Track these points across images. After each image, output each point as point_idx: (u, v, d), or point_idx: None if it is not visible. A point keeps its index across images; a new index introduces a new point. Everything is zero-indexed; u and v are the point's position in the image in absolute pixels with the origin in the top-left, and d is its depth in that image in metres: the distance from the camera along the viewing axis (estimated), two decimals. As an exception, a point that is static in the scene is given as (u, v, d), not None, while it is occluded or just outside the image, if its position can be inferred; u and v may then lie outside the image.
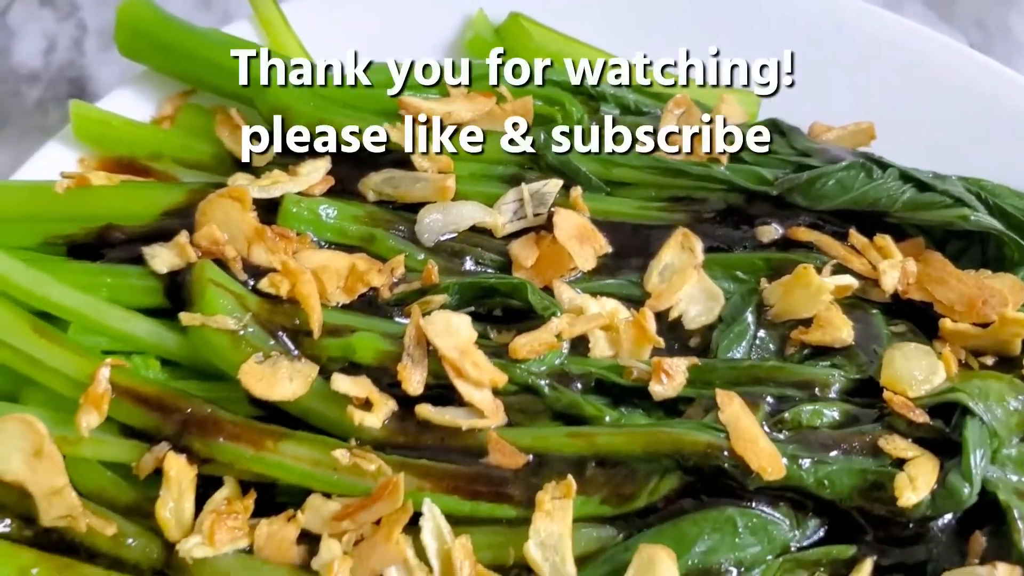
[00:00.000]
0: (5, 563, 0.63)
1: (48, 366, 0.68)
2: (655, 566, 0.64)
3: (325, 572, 0.64)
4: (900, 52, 0.96)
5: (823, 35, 0.97)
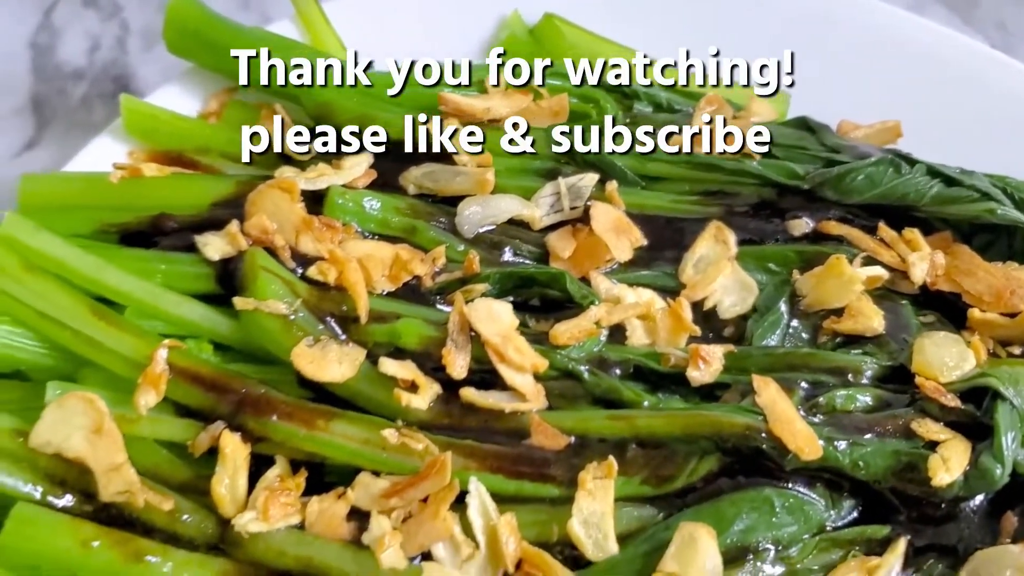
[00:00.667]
0: (67, 536, 0.65)
1: (107, 347, 0.71)
2: (696, 543, 0.66)
3: (376, 546, 0.66)
4: (924, 53, 0.98)
5: (848, 37, 0.99)
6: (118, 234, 0.81)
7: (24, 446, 0.67)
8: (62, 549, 0.64)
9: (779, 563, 0.67)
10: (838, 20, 0.99)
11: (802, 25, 0.98)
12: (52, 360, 0.73)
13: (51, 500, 0.67)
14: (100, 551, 0.65)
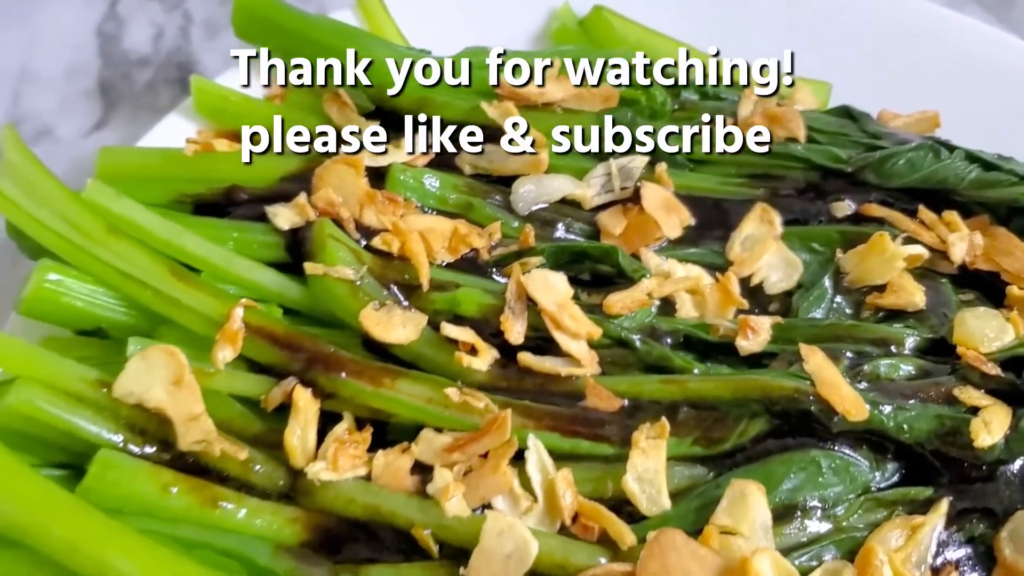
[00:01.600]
0: (147, 481, 0.68)
1: (185, 305, 0.74)
2: (746, 499, 0.68)
3: (441, 496, 0.69)
4: (962, 48, 1.01)
5: (889, 32, 1.03)
6: (192, 204, 0.85)
7: (107, 396, 0.70)
8: (143, 493, 0.67)
9: (826, 521, 0.70)
10: (876, 15, 1.02)
11: (842, 18, 1.01)
12: (132, 318, 0.76)
13: (131, 448, 0.70)
14: (178, 496, 0.68)
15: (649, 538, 0.66)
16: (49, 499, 0.63)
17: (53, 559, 0.62)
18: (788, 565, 0.66)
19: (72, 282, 0.74)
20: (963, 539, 0.70)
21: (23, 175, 0.77)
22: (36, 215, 0.75)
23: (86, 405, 0.70)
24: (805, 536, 0.69)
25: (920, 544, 0.68)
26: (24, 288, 0.74)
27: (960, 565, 0.69)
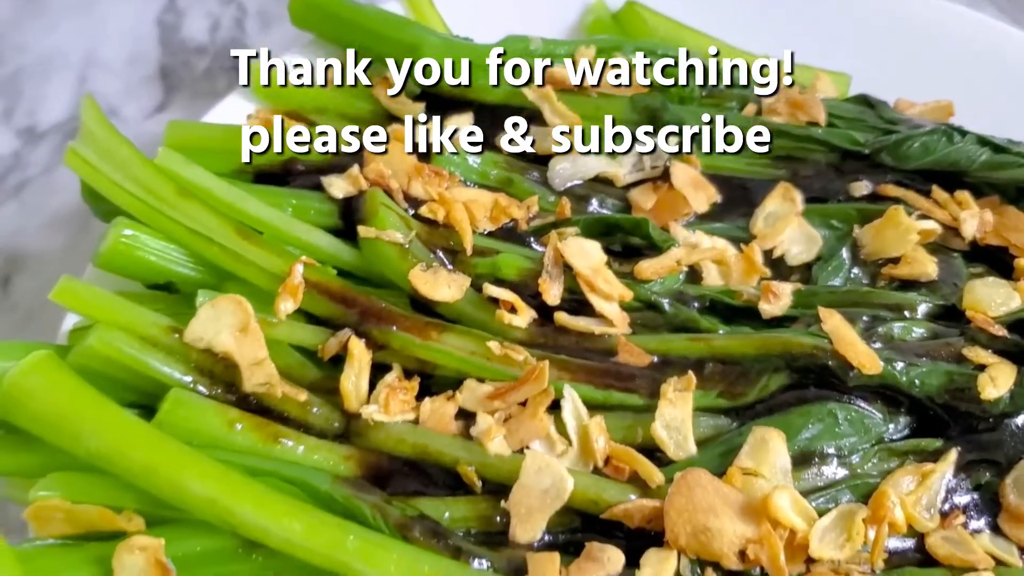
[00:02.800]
0: (215, 417, 0.74)
1: (250, 261, 0.80)
2: (767, 444, 0.74)
3: (484, 437, 0.75)
4: (975, 42, 1.07)
5: (906, 27, 1.08)
6: (252, 174, 0.91)
7: (178, 341, 0.76)
8: (210, 428, 0.73)
9: (842, 467, 0.75)
10: (897, 11, 1.08)
11: (862, 13, 1.07)
12: (200, 274, 0.82)
13: (200, 389, 0.76)
14: (243, 432, 0.74)
15: (677, 477, 0.71)
16: (129, 428, 0.69)
17: (133, 484, 0.68)
18: (806, 504, 0.71)
19: (145, 238, 0.80)
20: (970, 486, 0.75)
21: (101, 142, 0.83)
22: (112, 178, 0.82)
23: (159, 348, 0.76)
24: (822, 481, 0.74)
25: (930, 489, 0.73)
26: (101, 243, 0.80)
27: (967, 509, 0.74)
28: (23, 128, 1.12)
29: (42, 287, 0.95)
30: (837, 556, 0.69)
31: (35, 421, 0.70)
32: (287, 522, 0.66)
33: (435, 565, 0.67)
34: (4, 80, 1.15)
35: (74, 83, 1.15)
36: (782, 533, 0.69)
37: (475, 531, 0.72)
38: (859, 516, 0.71)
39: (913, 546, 0.72)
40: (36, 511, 0.67)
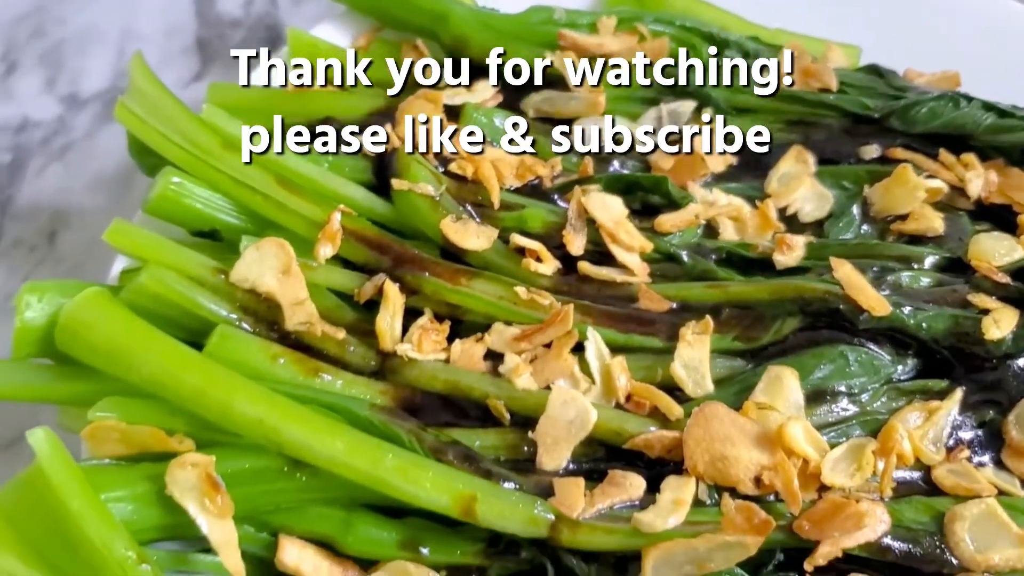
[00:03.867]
0: (259, 352, 0.78)
1: (291, 210, 0.85)
2: (782, 381, 0.78)
3: (512, 374, 0.79)
4: (983, 17, 1.11)
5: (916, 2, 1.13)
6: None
7: (224, 281, 0.81)
8: (254, 362, 0.77)
9: (852, 405, 0.79)
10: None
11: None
12: (242, 222, 0.86)
13: (244, 326, 0.80)
14: (285, 366, 0.78)
15: (695, 410, 0.75)
16: (180, 355, 0.74)
17: (183, 408, 0.73)
18: (818, 436, 0.75)
19: (192, 186, 0.85)
20: (974, 423, 0.78)
21: (149, 98, 0.88)
22: (160, 130, 0.86)
23: (206, 288, 0.80)
24: (833, 417, 0.78)
25: (936, 425, 0.77)
26: (150, 191, 0.85)
27: (971, 445, 0.78)
28: (65, 95, 1.17)
29: (86, 241, 1.01)
30: (848, 484, 0.73)
31: (90, 351, 0.75)
32: (330, 441, 0.70)
33: (468, 483, 0.71)
34: (47, 52, 1.20)
35: (113, 55, 1.19)
36: (795, 462, 0.73)
37: (504, 459, 0.76)
38: (869, 448, 0.74)
39: (920, 478, 0.76)
40: (93, 431, 0.71)
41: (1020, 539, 0.70)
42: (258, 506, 0.72)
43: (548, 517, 0.71)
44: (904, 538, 0.71)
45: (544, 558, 0.72)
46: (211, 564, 0.72)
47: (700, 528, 0.70)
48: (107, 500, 0.67)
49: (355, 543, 0.72)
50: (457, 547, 0.73)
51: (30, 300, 0.77)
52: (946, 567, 0.70)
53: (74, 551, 0.64)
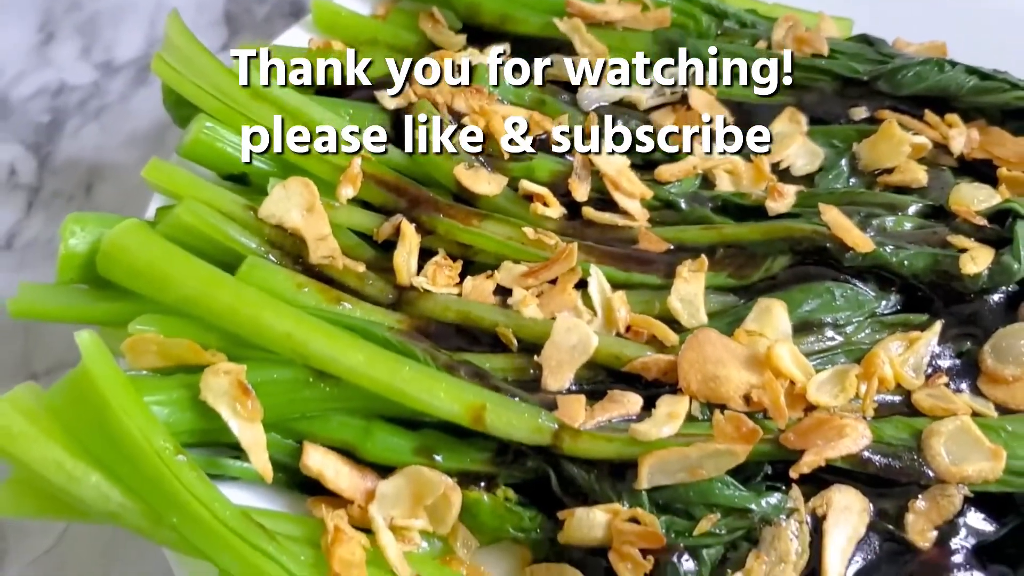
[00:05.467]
0: (285, 281, 0.83)
1: (315, 153, 0.91)
2: (771, 311, 0.83)
3: (520, 305, 0.85)
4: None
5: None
6: (312, 88, 1.02)
7: (253, 217, 0.87)
8: (280, 290, 0.83)
9: (837, 335, 0.84)
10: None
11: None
12: (268, 166, 0.92)
13: (271, 258, 0.86)
14: (309, 294, 0.84)
15: (689, 336, 0.81)
16: (214, 277, 0.80)
17: (216, 325, 0.78)
18: (804, 360, 0.80)
19: (223, 131, 0.90)
20: (953, 353, 0.84)
21: (184, 52, 0.94)
22: (194, 81, 0.92)
23: (236, 222, 0.86)
24: (819, 346, 0.84)
25: (917, 353, 0.82)
26: (184, 136, 0.91)
27: (950, 372, 0.83)
28: (100, 62, 1.24)
29: (121, 193, 1.07)
30: (832, 403, 0.78)
31: (129, 274, 0.81)
32: (352, 353, 0.76)
33: (478, 394, 0.77)
34: (83, 23, 1.27)
35: (146, 26, 1.26)
36: (783, 383, 0.78)
37: (511, 379, 0.82)
38: (852, 372, 0.80)
39: (901, 401, 0.81)
40: (132, 344, 0.77)
41: (993, 453, 0.75)
42: (284, 414, 0.77)
43: (551, 426, 0.76)
44: (884, 452, 0.76)
45: (548, 467, 0.78)
46: (240, 470, 0.77)
47: (693, 439, 0.75)
48: (146, 404, 0.72)
49: (374, 450, 0.78)
50: (468, 455, 0.78)
51: (74, 229, 0.83)
52: (923, 479, 0.76)
53: (115, 444, 0.69)
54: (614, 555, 0.74)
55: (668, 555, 0.74)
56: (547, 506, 0.78)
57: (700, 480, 0.75)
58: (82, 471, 0.69)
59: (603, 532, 0.75)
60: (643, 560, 0.73)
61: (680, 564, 0.74)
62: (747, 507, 0.75)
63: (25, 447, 0.69)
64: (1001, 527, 0.76)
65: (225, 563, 0.69)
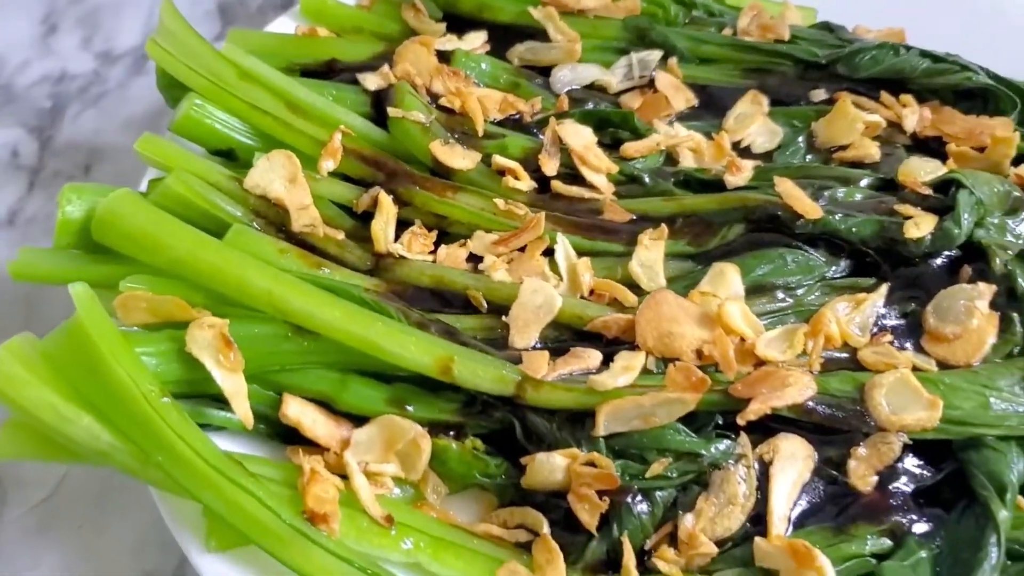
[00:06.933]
0: (269, 246, 0.88)
1: (297, 129, 0.96)
2: (724, 274, 0.88)
3: (489, 270, 0.90)
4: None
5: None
6: (299, 71, 1.08)
7: (239, 188, 0.92)
8: (265, 254, 0.88)
9: (788, 298, 0.89)
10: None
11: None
12: (254, 142, 0.98)
13: (255, 226, 0.92)
14: (291, 259, 0.89)
15: (646, 296, 0.86)
16: (201, 241, 0.85)
17: (203, 284, 0.84)
18: (755, 318, 0.85)
19: (212, 109, 0.96)
20: (898, 314, 0.88)
21: (176, 35, 1.00)
22: (185, 63, 0.98)
23: (223, 192, 0.92)
24: (771, 307, 0.89)
25: (863, 313, 0.87)
26: (176, 113, 0.97)
27: (895, 331, 0.87)
28: (100, 52, 1.30)
29: (118, 173, 1.13)
30: (780, 358, 0.83)
31: (122, 238, 0.86)
32: (328, 309, 0.81)
33: (447, 348, 0.82)
34: (85, 15, 1.34)
35: (144, 17, 1.33)
36: (733, 340, 0.83)
37: (480, 337, 0.87)
38: (801, 330, 0.85)
39: (847, 357, 0.85)
40: (123, 301, 0.82)
41: (930, 403, 0.80)
42: (265, 367, 0.82)
43: (515, 377, 0.81)
44: (828, 403, 0.81)
45: (513, 417, 0.83)
46: (224, 419, 0.82)
47: (647, 390, 0.80)
48: (134, 350, 0.78)
49: (349, 400, 0.83)
50: (437, 406, 0.83)
51: (71, 197, 0.89)
52: (864, 427, 0.80)
53: (105, 388, 0.74)
54: (572, 497, 0.79)
55: (622, 496, 0.78)
56: (512, 454, 0.83)
57: (653, 427, 0.80)
58: (74, 413, 0.74)
59: (563, 475, 0.79)
60: (599, 501, 0.78)
61: (634, 505, 0.79)
62: (698, 452, 0.79)
63: (22, 391, 0.74)
64: (938, 472, 0.81)
65: (207, 499, 0.74)
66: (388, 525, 0.77)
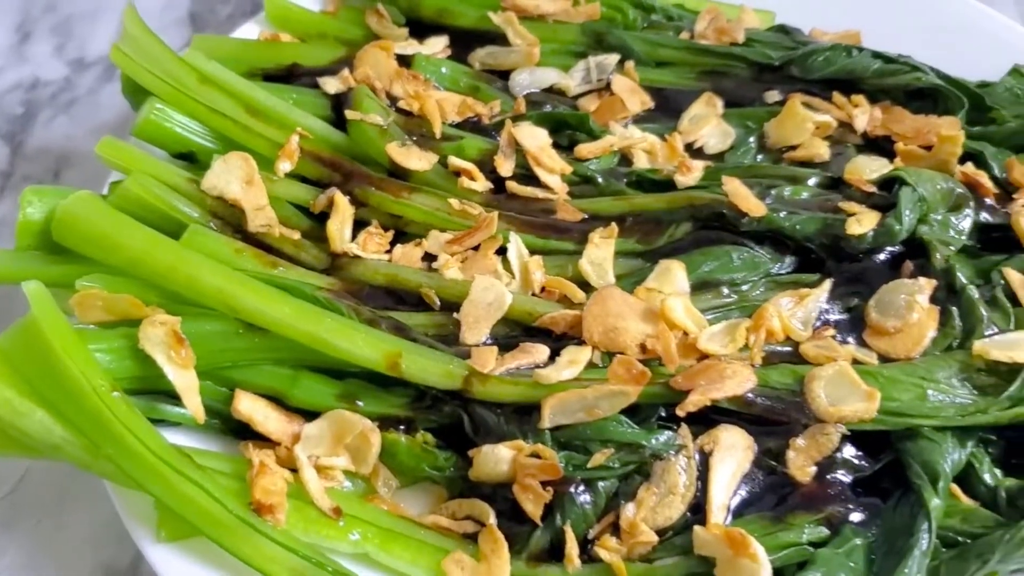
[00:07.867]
0: (225, 246, 0.90)
1: (256, 132, 0.98)
2: (670, 271, 0.90)
3: (443, 268, 0.92)
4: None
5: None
6: (261, 75, 1.10)
7: (196, 189, 0.94)
8: (221, 254, 0.90)
9: (733, 294, 0.91)
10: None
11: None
12: (214, 145, 1.00)
13: (212, 227, 0.94)
14: (247, 258, 0.91)
15: (593, 293, 0.88)
16: (156, 241, 0.87)
17: (157, 283, 0.86)
18: (698, 313, 0.87)
19: (172, 112, 0.98)
20: (841, 309, 0.90)
21: (139, 41, 1.02)
22: (147, 68, 1.00)
23: (181, 193, 0.94)
24: (716, 303, 0.91)
25: (806, 308, 0.89)
26: (137, 117, 0.99)
27: (838, 326, 0.89)
28: (72, 59, 1.32)
29: (85, 177, 1.15)
30: (722, 352, 0.85)
31: (80, 239, 0.88)
32: (279, 307, 0.83)
33: (395, 343, 0.84)
34: (58, 24, 1.36)
35: (117, 25, 1.35)
36: (677, 335, 0.85)
37: (432, 334, 0.89)
38: (743, 325, 0.87)
39: (789, 351, 0.87)
40: (80, 299, 0.84)
41: (868, 395, 0.82)
42: (217, 363, 0.84)
43: (462, 372, 0.83)
44: (768, 395, 0.83)
45: (461, 411, 0.85)
46: (178, 415, 0.84)
47: (591, 383, 0.82)
48: (85, 346, 0.80)
49: (300, 396, 0.85)
50: (388, 401, 0.85)
51: (32, 199, 0.91)
52: (803, 418, 0.82)
53: (59, 383, 0.76)
54: (517, 487, 0.80)
55: (566, 487, 0.80)
56: (462, 448, 0.85)
57: (597, 419, 0.82)
58: (28, 408, 0.76)
59: (508, 467, 0.81)
60: (543, 491, 0.80)
61: (577, 495, 0.80)
62: (639, 443, 0.81)
63: (-24, 386, 0.76)
64: (876, 462, 0.83)
65: (156, 491, 0.76)
66: (336, 516, 0.79)
